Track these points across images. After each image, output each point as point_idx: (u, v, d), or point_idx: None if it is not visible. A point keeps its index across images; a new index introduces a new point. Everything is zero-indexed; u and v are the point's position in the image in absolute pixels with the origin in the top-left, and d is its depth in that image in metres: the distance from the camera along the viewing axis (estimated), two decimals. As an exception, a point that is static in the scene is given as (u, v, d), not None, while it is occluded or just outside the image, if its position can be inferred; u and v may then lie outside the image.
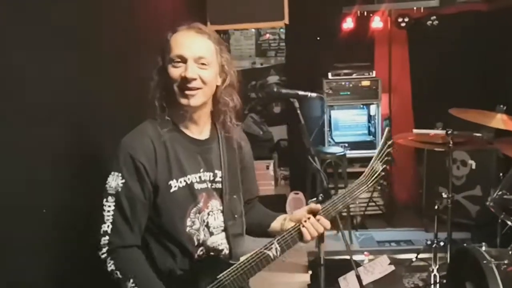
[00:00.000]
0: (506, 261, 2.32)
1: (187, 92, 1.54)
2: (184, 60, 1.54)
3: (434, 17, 4.50)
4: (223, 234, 1.67)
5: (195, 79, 1.54)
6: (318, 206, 1.63)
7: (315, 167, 2.18)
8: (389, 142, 1.70)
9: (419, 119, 4.97)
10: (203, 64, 1.56)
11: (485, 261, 2.28)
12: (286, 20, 4.84)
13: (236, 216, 1.70)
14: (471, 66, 4.72)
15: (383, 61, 4.96)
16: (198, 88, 1.55)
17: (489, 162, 4.03)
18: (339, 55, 4.88)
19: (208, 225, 1.63)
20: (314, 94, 2.23)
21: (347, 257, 3.37)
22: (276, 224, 1.75)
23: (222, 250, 1.66)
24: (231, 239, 1.67)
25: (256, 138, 5.79)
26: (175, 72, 1.55)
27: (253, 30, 6.14)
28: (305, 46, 5.01)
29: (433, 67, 4.80)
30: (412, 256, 3.58)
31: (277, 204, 4.72)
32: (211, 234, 1.64)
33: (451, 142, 2.88)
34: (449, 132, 2.87)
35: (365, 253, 3.59)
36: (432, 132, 3.05)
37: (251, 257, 1.56)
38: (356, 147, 4.77)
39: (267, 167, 5.50)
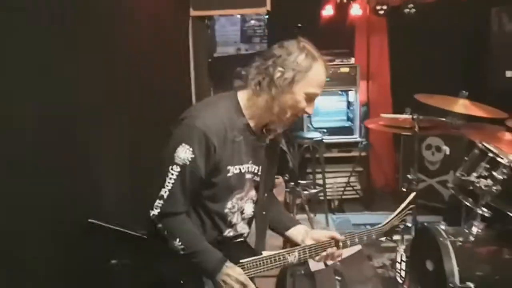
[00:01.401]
0: (461, 238, 2.43)
1: (295, 118, 1.70)
2: (314, 98, 1.70)
3: (412, 5, 4.56)
4: (248, 221, 1.82)
5: None
6: (342, 237, 1.82)
7: (282, 149, 2.30)
8: (411, 206, 2.00)
9: (398, 105, 5.06)
10: None
11: (441, 238, 2.40)
12: (268, 7, 4.89)
13: (264, 212, 1.84)
14: (448, 53, 4.81)
15: (363, 48, 5.05)
16: None
17: (463, 148, 4.14)
18: (319, 41, 4.91)
19: (243, 212, 1.78)
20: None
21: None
22: (295, 233, 1.86)
23: (245, 237, 1.82)
24: (258, 231, 1.82)
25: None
26: (304, 105, 1.67)
27: (238, 16, 6.18)
28: (287, 33, 5.04)
29: (412, 54, 4.88)
30: (383, 238, 3.68)
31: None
32: (243, 219, 1.80)
33: (417, 127, 2.97)
34: (415, 116, 2.97)
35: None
36: (399, 117, 3.14)
37: (274, 255, 1.70)
38: (334, 133, 4.86)
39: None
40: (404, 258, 3.20)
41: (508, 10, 4.03)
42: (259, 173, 1.79)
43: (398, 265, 3.21)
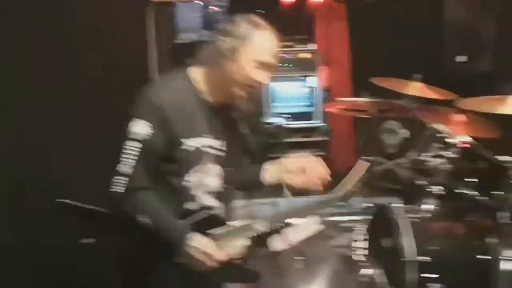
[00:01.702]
0: (415, 215, 2.54)
1: (249, 89, 1.72)
2: (266, 67, 1.70)
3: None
4: (217, 196, 1.84)
5: None
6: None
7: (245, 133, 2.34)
8: (365, 175, 2.10)
9: (358, 90, 5.17)
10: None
11: (397, 215, 2.50)
12: (229, -8, 4.91)
13: (230, 186, 1.88)
14: (405, 38, 4.92)
15: (323, 34, 5.12)
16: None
17: (420, 131, 4.28)
18: (280, 27, 4.96)
19: (205, 185, 1.79)
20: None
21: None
22: (269, 177, 1.91)
23: (213, 209, 1.82)
24: (225, 203, 1.86)
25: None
26: (255, 74, 1.68)
27: (200, 2, 6.14)
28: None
29: (371, 40, 4.99)
30: (344, 219, 3.80)
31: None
32: (207, 193, 1.80)
33: (374, 110, 3.07)
34: (371, 100, 3.06)
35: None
36: (356, 100, 3.23)
37: (240, 225, 1.75)
38: (296, 118, 4.93)
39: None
40: (363, 238, 3.32)
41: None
42: (222, 148, 1.81)
43: (357, 244, 3.33)
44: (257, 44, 1.69)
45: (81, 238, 1.81)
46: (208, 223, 1.73)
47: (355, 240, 3.40)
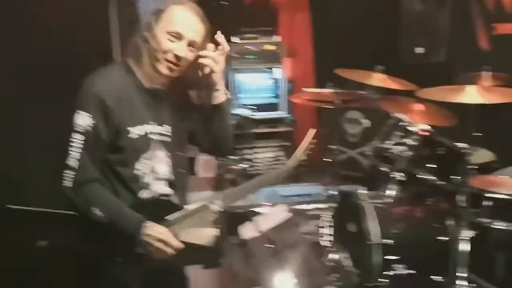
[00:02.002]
0: (379, 200, 2.67)
1: (170, 65, 1.71)
2: (179, 38, 1.69)
3: (332, -17, 4.76)
4: (168, 182, 1.83)
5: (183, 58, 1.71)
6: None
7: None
8: (313, 141, 2.22)
9: (320, 81, 5.27)
10: (192, 47, 1.73)
11: (361, 201, 2.61)
12: (192, -16, 4.90)
13: (180, 170, 1.86)
14: (366, 30, 5.06)
15: (286, 26, 5.20)
16: (179, 65, 1.72)
17: (381, 120, 4.43)
18: (244, 19, 5.02)
19: (155, 171, 1.78)
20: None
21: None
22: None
23: (167, 196, 1.82)
24: (177, 189, 1.84)
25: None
26: (169, 45, 1.69)
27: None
28: (211, 11, 5.09)
29: (333, 32, 5.09)
30: (310, 207, 3.93)
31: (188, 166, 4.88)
32: (158, 179, 1.80)
33: (337, 100, 3.17)
34: (335, 90, 3.16)
35: (266, 205, 3.86)
36: (321, 91, 3.33)
37: (196, 208, 1.75)
38: (262, 109, 5.00)
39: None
40: (329, 224, 3.44)
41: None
42: (166, 133, 1.82)
43: (323, 231, 3.45)
44: (170, 16, 1.71)
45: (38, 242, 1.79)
46: (162, 210, 1.73)
47: (321, 227, 3.53)
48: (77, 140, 1.64)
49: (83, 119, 1.64)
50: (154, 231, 1.65)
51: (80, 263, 1.78)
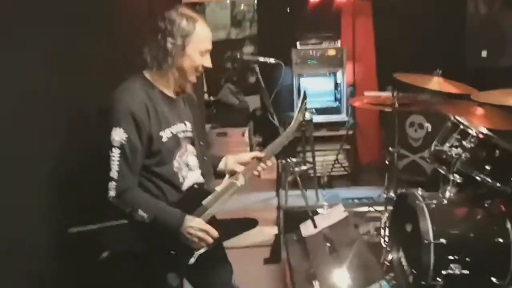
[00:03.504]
0: (435, 201, 2.70)
1: (198, 75, 1.97)
2: (207, 52, 1.95)
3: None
4: (199, 171, 2.06)
5: None
6: (262, 154, 2.11)
7: (275, 125, 2.57)
8: (305, 101, 2.35)
9: (382, 84, 5.31)
10: None
11: (417, 202, 2.66)
12: (258, -8, 5.13)
13: (205, 158, 2.10)
14: (429, 34, 5.04)
15: (348, 31, 5.28)
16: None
17: (442, 124, 4.40)
18: (307, 25, 5.17)
19: (188, 164, 2.02)
20: (272, 60, 2.57)
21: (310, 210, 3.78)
22: (221, 165, 2.16)
23: (201, 184, 2.05)
24: (205, 175, 2.07)
25: (233, 107, 6.07)
26: (200, 61, 1.93)
27: (228, 1, 6.34)
28: (276, 18, 5.29)
29: (395, 36, 5.12)
30: (369, 209, 4.00)
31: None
32: (191, 170, 2.03)
33: (397, 103, 3.23)
34: (395, 94, 3.22)
35: (325, 205, 3.97)
36: (381, 94, 3.39)
37: (225, 187, 1.97)
38: (323, 113, 5.12)
39: (243, 134, 5.81)
40: (386, 225, 3.49)
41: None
42: (190, 129, 2.05)
43: (382, 231, 3.51)
44: (200, 36, 1.89)
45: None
46: (199, 196, 1.93)
47: (378, 227, 3.59)
48: (114, 154, 1.81)
49: (117, 134, 1.81)
50: (195, 222, 1.86)
51: (139, 263, 1.92)
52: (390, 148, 3.42)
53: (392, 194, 3.67)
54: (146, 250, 1.88)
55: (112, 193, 1.83)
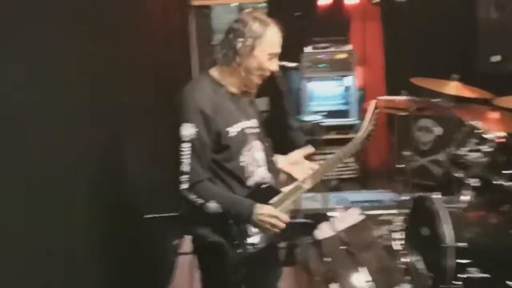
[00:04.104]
0: (454, 205, 2.72)
1: (264, 77, 2.00)
2: (275, 56, 1.99)
3: (404, -6, 4.83)
4: (266, 167, 2.09)
5: None
6: (312, 149, 2.18)
7: (293, 128, 2.60)
8: (377, 111, 2.39)
9: (391, 88, 5.33)
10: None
11: (436, 206, 2.68)
12: (267, -4, 5.14)
13: (270, 158, 2.14)
14: (438, 39, 5.07)
15: (358, 35, 5.32)
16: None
17: (453, 128, 4.43)
18: (317, 29, 5.20)
19: (255, 159, 2.06)
20: (290, 64, 2.59)
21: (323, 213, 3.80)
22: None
23: (268, 181, 2.07)
24: (272, 174, 2.10)
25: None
26: (268, 64, 1.97)
27: (234, 4, 6.36)
28: (285, 21, 5.29)
29: (404, 40, 5.15)
30: (382, 212, 4.02)
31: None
32: (258, 166, 2.07)
33: (412, 108, 3.25)
34: (410, 98, 3.25)
35: (339, 208, 3.98)
36: (396, 98, 3.42)
37: (292, 189, 2.00)
38: (332, 116, 5.15)
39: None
40: (401, 228, 3.51)
41: (493, -1, 4.31)
42: (255, 125, 2.09)
43: (396, 235, 3.53)
44: (269, 39, 1.94)
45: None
46: (266, 195, 1.97)
47: (393, 231, 3.60)
48: (185, 148, 1.88)
49: (187, 130, 1.88)
50: (265, 209, 1.90)
51: (208, 251, 2.02)
52: (403, 152, 3.43)
53: (404, 197, 3.70)
54: (217, 238, 1.94)
55: (184, 185, 1.88)
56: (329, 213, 3.89)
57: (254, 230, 1.94)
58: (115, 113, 2.32)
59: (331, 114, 5.12)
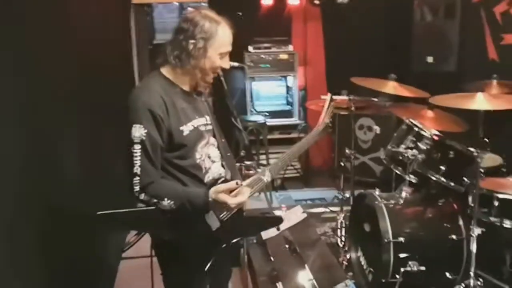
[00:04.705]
0: (392, 201, 2.81)
1: (215, 75, 1.97)
2: (227, 54, 1.95)
3: (344, -5, 4.94)
4: (220, 162, 2.07)
5: None
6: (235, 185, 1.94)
7: (238, 128, 2.57)
8: (332, 104, 2.41)
9: (332, 88, 5.42)
10: None
11: (376, 202, 2.75)
12: (209, -5, 5.09)
13: (228, 154, 2.10)
14: (376, 40, 5.23)
15: (300, 35, 5.38)
16: None
17: (391, 127, 4.58)
18: (259, 29, 5.21)
19: (210, 156, 2.02)
20: (236, 64, 2.57)
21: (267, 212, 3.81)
22: None
23: (223, 176, 2.03)
24: (231, 169, 2.06)
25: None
26: (220, 62, 1.94)
27: (176, 3, 6.27)
28: (227, 21, 5.28)
29: (344, 41, 5.26)
30: (324, 210, 4.10)
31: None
32: (213, 162, 2.04)
33: (353, 107, 3.32)
34: (351, 97, 3.32)
35: (283, 207, 4.02)
36: (337, 98, 3.48)
37: (252, 181, 1.95)
38: (275, 116, 5.18)
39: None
40: (343, 225, 3.59)
41: (428, 2, 4.50)
42: (208, 122, 2.07)
43: (338, 231, 3.60)
44: (221, 39, 1.91)
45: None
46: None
47: (336, 228, 3.67)
48: (135, 150, 1.83)
49: (137, 131, 1.83)
50: (218, 189, 1.82)
51: (166, 247, 1.96)
52: (347, 150, 3.50)
53: (347, 194, 3.78)
54: (172, 235, 1.88)
55: (136, 188, 1.84)
56: (274, 212, 3.92)
57: (212, 219, 1.88)
58: (51, 112, 2.20)
59: (274, 114, 5.15)
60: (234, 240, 1.96)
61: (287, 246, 3.14)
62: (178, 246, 1.89)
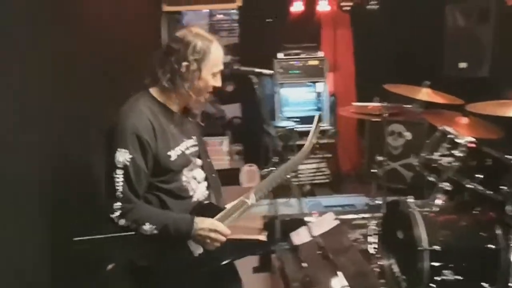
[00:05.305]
0: (427, 209, 2.78)
1: (209, 94, 1.94)
2: (219, 73, 1.92)
3: (374, 1, 4.92)
4: (205, 183, 2.05)
5: None
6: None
7: (269, 133, 2.59)
8: (320, 125, 2.32)
9: (361, 95, 5.42)
10: None
11: (410, 209, 2.73)
12: (239, 2, 5.14)
13: (213, 175, 2.08)
14: (407, 47, 5.18)
15: (329, 42, 5.38)
16: None
17: (423, 133, 4.54)
18: (289, 36, 5.24)
19: (195, 177, 2.01)
20: (267, 71, 2.59)
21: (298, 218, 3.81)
22: None
23: (208, 198, 2.03)
24: (215, 191, 2.04)
25: (209, 116, 6.06)
26: (212, 82, 1.91)
27: (205, 10, 6.34)
28: (257, 28, 5.34)
29: (374, 47, 5.24)
30: (355, 216, 4.08)
31: (232, 177, 5.06)
32: (199, 183, 2.02)
33: (386, 113, 3.31)
34: (383, 104, 3.30)
35: (314, 213, 4.01)
36: (369, 104, 3.47)
37: (236, 204, 1.93)
38: (305, 122, 5.18)
39: (221, 144, 5.80)
40: (375, 232, 3.56)
41: (460, 8, 4.44)
42: (195, 143, 2.03)
43: (370, 239, 3.58)
44: (214, 58, 1.87)
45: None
46: (207, 212, 1.90)
47: (368, 235, 3.65)
48: (119, 175, 1.77)
49: (121, 155, 1.77)
50: (206, 223, 1.84)
51: (143, 275, 1.90)
52: (377, 157, 3.49)
53: (378, 201, 3.76)
54: (152, 262, 1.85)
55: (116, 213, 1.79)
56: (306, 218, 3.92)
57: (194, 245, 1.87)
58: (79, 118, 2.24)
59: (303, 120, 5.15)
60: (221, 264, 1.89)
61: (319, 252, 3.14)
62: (157, 272, 1.85)
